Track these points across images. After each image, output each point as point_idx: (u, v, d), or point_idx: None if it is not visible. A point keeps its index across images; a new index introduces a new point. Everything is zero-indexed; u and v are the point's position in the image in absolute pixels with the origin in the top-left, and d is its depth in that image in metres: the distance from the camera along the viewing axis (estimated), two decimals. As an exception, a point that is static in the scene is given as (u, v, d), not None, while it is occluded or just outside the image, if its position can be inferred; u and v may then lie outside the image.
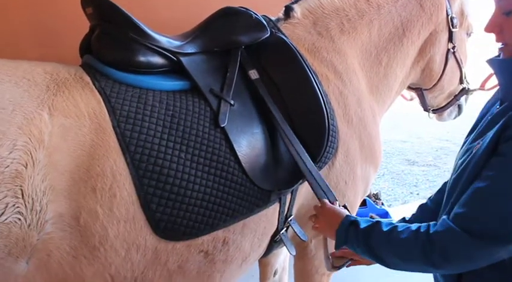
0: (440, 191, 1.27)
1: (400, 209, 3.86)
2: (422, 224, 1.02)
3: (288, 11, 1.58)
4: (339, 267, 1.33)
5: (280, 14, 1.60)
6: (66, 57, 1.32)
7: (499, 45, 1.06)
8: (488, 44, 1.21)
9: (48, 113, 1.03)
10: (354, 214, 1.67)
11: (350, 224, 1.14)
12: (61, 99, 1.06)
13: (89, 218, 1.05)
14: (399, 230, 1.04)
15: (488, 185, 0.92)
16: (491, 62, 1.10)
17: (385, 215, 3.30)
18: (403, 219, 1.35)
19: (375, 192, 3.62)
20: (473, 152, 1.02)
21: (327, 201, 1.25)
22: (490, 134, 0.98)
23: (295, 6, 1.59)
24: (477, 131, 1.08)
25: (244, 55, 1.38)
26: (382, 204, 3.52)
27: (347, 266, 1.35)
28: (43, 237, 1.01)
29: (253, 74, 1.37)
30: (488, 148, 0.96)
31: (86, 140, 1.05)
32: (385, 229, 1.06)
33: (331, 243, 1.27)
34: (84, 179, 1.04)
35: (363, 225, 1.11)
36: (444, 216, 0.99)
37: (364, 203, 3.28)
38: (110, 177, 1.06)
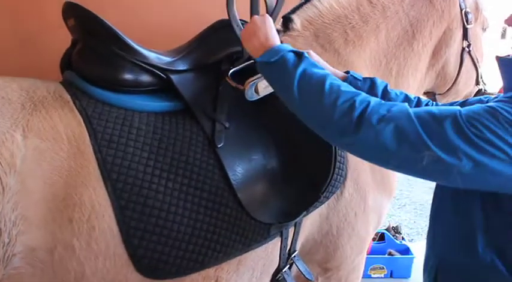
0: None
1: (423, 244, 3.61)
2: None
3: (287, 22, 1.44)
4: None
5: (279, 26, 1.46)
6: (49, 70, 1.24)
7: None
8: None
9: (22, 134, 0.96)
10: (365, 250, 1.52)
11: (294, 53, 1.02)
12: (37, 119, 0.99)
13: (65, 252, 0.97)
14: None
15: None
16: (503, 61, 0.98)
17: (406, 251, 3.09)
18: None
19: (395, 225, 3.42)
20: None
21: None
22: None
23: (294, 16, 1.45)
24: None
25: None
26: (403, 238, 3.31)
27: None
28: (10, 272, 0.94)
29: None
30: None
31: (63, 166, 0.98)
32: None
33: None
34: (60, 209, 0.96)
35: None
36: None
37: (382, 238, 3.09)
38: (88, 208, 0.99)
